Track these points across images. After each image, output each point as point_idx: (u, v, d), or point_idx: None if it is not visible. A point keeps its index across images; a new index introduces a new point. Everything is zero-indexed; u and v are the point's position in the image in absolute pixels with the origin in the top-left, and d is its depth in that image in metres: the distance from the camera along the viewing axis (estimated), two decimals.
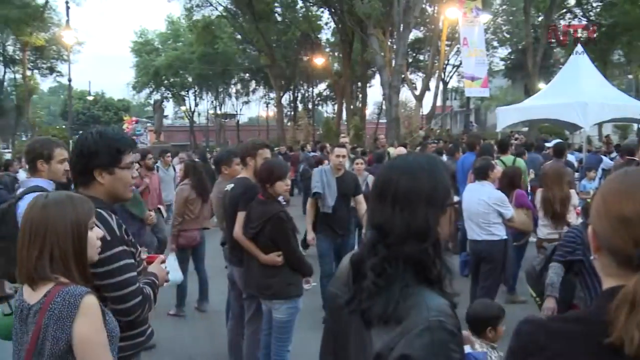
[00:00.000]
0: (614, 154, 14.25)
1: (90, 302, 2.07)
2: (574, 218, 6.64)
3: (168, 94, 58.97)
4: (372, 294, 1.56)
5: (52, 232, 2.12)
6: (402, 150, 11.53)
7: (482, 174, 6.50)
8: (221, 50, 45.95)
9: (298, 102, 55.65)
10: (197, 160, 11.03)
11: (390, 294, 1.53)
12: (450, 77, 47.73)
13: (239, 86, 58.85)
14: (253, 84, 57.34)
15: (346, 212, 7.07)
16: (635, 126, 17.58)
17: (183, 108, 62.55)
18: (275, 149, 21.33)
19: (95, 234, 2.29)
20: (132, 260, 2.62)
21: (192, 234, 7.30)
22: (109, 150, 2.65)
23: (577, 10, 35.09)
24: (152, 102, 45.99)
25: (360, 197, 7.02)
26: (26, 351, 2.06)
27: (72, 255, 2.15)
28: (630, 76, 41.71)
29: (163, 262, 3.02)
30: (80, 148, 2.67)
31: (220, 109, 60.72)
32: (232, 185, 5.33)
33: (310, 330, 5.23)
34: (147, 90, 58.63)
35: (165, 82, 56.82)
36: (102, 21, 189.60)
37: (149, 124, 34.03)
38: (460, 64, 31.53)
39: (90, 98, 58.15)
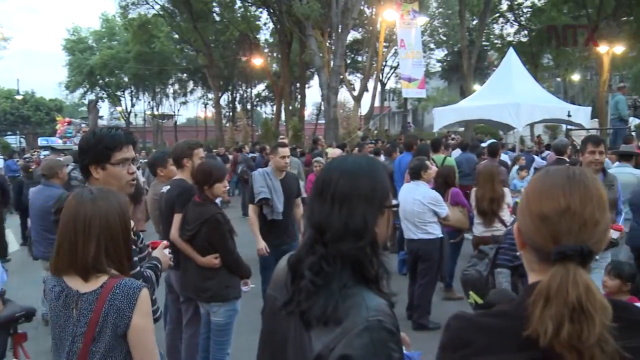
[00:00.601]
0: (545, 153, 14.71)
1: (145, 295, 2.32)
2: (507, 216, 6.80)
3: (103, 94, 57.56)
4: (310, 294, 1.55)
5: (105, 225, 2.31)
6: (337, 151, 11.56)
7: (416, 174, 6.59)
8: (158, 49, 45.13)
9: (237, 103, 55.38)
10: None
11: (329, 294, 1.52)
12: (388, 79, 48.38)
13: (176, 86, 58.02)
14: (191, 85, 56.57)
15: (293, 217, 6.52)
16: (564, 127, 18.17)
17: (119, 109, 61.03)
18: (214, 150, 21.08)
19: None
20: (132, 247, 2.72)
21: None
22: (99, 147, 2.84)
23: (510, 15, 36.13)
24: (86, 102, 44.76)
25: (298, 200, 6.61)
26: (83, 335, 2.27)
27: (122, 246, 2.38)
28: (558, 79, 43.32)
29: (166, 247, 3.29)
30: (80, 146, 2.96)
31: (158, 110, 59.67)
32: (167, 187, 5.23)
33: (251, 333, 5.15)
34: (81, 90, 56.98)
35: (100, 81, 55.38)
36: (32, 16, 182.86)
37: (83, 125, 33.11)
38: (398, 65, 31.96)
39: (19, 97, 55.89)
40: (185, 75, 53.83)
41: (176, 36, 42.55)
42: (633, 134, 13.97)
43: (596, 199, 1.36)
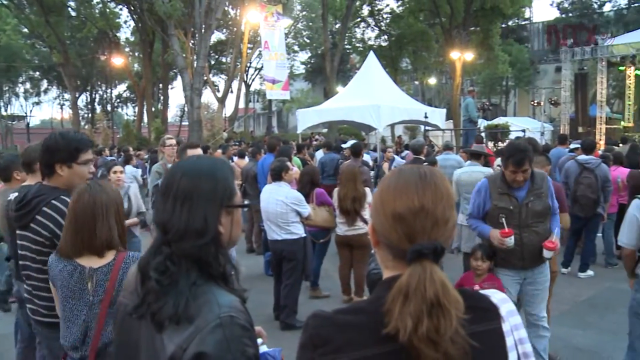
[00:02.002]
0: (404, 153, 15.30)
1: None
2: (369, 215, 6.95)
3: None
4: (159, 295, 1.54)
5: (116, 210, 2.83)
6: (197, 151, 11.28)
7: (277, 175, 6.59)
8: (4, 43, 41.46)
9: (96, 104, 52.90)
10: None
11: (178, 293, 1.52)
12: (253, 80, 48.45)
13: (28, 85, 54.22)
14: (45, 84, 53.22)
15: None
16: (423, 127, 19.05)
17: None
18: None
19: None
20: None
21: None
22: (70, 148, 3.15)
23: (371, 20, 37.42)
24: None
25: None
26: (101, 301, 2.74)
27: (121, 226, 2.88)
28: (416, 82, 45.47)
29: None
30: (46, 146, 3.19)
31: (6, 110, 55.45)
32: (16, 194, 4.80)
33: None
34: None
35: None
36: None
37: None
38: (262, 67, 32.02)
39: None
40: (38, 73, 50.41)
41: (25, 30, 39.55)
42: (483, 134, 14.88)
43: (446, 198, 1.41)
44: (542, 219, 4.55)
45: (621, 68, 28.30)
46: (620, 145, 14.84)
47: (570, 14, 44.34)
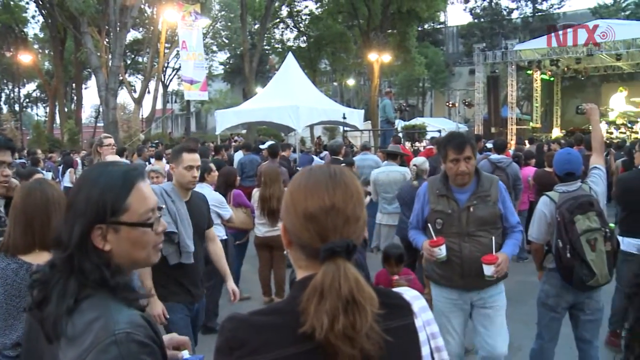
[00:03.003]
0: (323, 154, 15.42)
1: None
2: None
3: None
4: (42, 306, 1.50)
5: (63, 204, 2.54)
6: (115, 157, 10.95)
7: (200, 176, 6.47)
8: None
9: (2, 104, 50.45)
10: None
11: (57, 308, 1.46)
12: (170, 80, 47.57)
13: None
14: None
15: (203, 258, 4.50)
16: (342, 128, 19.28)
17: None
18: None
19: None
20: None
21: None
22: None
23: (289, 21, 37.48)
24: None
25: (213, 232, 4.78)
26: None
27: None
28: (335, 83, 45.96)
29: None
30: None
31: None
32: None
33: None
34: None
35: None
36: None
37: None
38: (180, 67, 31.49)
39: None
40: None
41: None
42: (400, 135, 15.21)
43: (356, 196, 1.43)
44: (487, 228, 3.91)
45: (529, 72, 29.70)
46: (527, 145, 15.54)
47: (482, 20, 46.02)
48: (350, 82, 44.30)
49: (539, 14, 44.19)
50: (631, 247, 5.19)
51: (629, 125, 24.60)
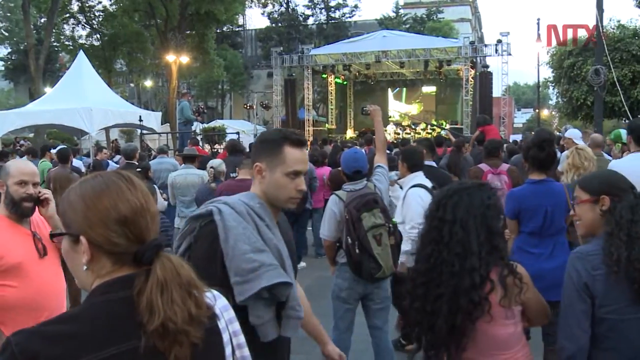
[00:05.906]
0: (116, 158, 14.86)
1: None
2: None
3: None
4: None
5: None
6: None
7: None
8: None
9: None
10: None
11: None
12: None
13: None
14: None
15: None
16: (139, 131, 18.68)
17: None
18: None
19: None
20: None
21: None
22: None
23: (81, 17, 35.26)
24: None
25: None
26: None
27: None
28: (132, 84, 44.35)
29: None
30: None
31: None
32: None
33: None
34: None
35: None
36: None
37: None
38: None
39: None
40: None
41: None
42: (199, 137, 15.16)
43: (149, 194, 1.47)
44: None
45: (324, 76, 31.27)
46: (324, 146, 16.34)
47: (280, 24, 47.39)
48: (148, 83, 43.09)
49: (332, 21, 46.72)
50: None
51: (413, 126, 27.55)
